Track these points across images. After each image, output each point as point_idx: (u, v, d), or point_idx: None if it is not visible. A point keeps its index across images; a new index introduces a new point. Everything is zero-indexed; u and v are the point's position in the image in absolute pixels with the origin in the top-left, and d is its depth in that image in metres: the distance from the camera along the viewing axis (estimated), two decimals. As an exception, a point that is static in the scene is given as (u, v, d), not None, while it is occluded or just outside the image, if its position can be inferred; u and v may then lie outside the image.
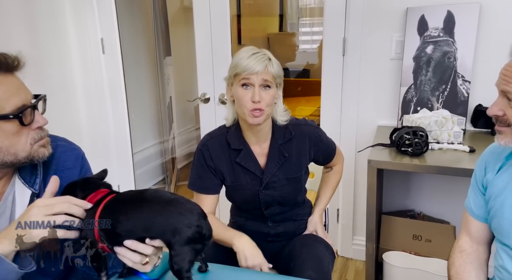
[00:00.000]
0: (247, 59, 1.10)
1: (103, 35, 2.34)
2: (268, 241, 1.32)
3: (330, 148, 1.34)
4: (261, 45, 5.31)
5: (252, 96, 1.10)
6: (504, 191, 0.90)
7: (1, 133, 0.80)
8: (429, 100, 1.77)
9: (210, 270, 0.91)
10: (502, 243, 0.92)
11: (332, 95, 2.00)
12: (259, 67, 1.09)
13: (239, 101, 1.13)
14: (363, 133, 1.95)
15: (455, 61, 1.70)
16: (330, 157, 1.35)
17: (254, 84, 1.10)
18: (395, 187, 1.97)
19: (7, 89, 0.79)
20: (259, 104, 1.10)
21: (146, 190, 0.81)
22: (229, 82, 1.18)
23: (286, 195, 1.24)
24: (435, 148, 1.54)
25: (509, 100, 0.79)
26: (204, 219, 0.78)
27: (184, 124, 3.49)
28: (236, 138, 1.22)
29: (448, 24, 1.69)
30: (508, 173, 0.90)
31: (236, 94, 1.14)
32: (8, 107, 0.79)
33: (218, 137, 1.24)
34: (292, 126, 1.23)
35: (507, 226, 0.89)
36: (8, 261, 0.73)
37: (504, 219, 0.89)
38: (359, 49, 1.89)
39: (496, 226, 0.93)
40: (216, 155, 1.22)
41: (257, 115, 1.11)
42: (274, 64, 1.12)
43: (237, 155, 1.22)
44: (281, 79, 1.17)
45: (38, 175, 0.92)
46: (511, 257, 0.90)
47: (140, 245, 0.76)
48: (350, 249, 2.13)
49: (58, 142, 0.99)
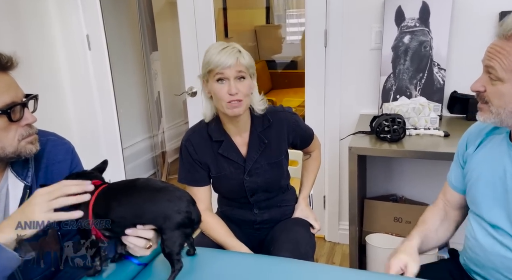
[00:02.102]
0: (217, 54, 1.14)
1: (89, 31, 2.35)
2: (255, 229, 1.38)
3: (307, 133, 1.40)
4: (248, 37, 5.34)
5: (229, 89, 1.15)
6: (481, 165, 0.97)
7: None
8: (407, 88, 1.83)
9: (197, 253, 0.96)
10: (475, 214, 1.00)
11: (315, 85, 2.06)
12: (231, 60, 1.13)
13: (217, 96, 1.18)
14: (346, 122, 2.01)
15: (431, 50, 1.76)
16: (308, 142, 1.41)
17: (229, 77, 1.15)
18: (377, 173, 2.05)
19: None
20: (236, 96, 1.15)
21: (138, 179, 0.86)
22: (204, 79, 1.22)
23: (269, 180, 1.30)
24: (412, 134, 1.62)
25: (491, 76, 0.85)
26: (193, 205, 0.83)
27: (173, 118, 3.52)
28: (217, 131, 1.27)
29: (424, 14, 1.75)
30: (486, 149, 0.97)
31: (213, 89, 1.18)
32: None
33: (200, 131, 1.29)
34: (270, 113, 1.29)
35: (480, 198, 0.96)
36: (9, 250, 0.77)
37: (479, 192, 0.96)
38: (340, 40, 1.94)
39: (471, 198, 1.00)
40: (199, 148, 1.27)
41: (236, 106, 1.16)
42: (245, 56, 1.18)
43: (219, 146, 1.27)
44: (253, 69, 1.22)
45: (30, 168, 0.96)
46: (481, 226, 0.97)
47: (141, 231, 0.82)
48: (336, 234, 2.21)
49: (48, 137, 1.03)
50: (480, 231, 0.98)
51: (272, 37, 5.19)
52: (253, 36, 5.24)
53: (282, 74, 4.96)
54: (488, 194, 0.94)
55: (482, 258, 0.97)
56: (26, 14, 2.14)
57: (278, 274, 0.89)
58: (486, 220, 0.95)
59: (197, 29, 2.19)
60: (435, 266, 1.14)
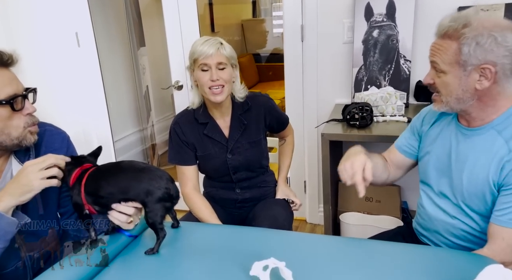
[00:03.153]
0: (201, 45, 1.31)
1: (78, 29, 2.45)
2: (237, 207, 1.53)
3: (283, 117, 1.55)
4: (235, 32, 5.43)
5: (211, 76, 1.30)
6: (434, 142, 1.12)
7: None
8: (377, 78, 1.98)
9: (181, 226, 1.10)
10: (424, 183, 1.15)
11: (294, 78, 2.20)
12: (212, 50, 1.29)
13: (200, 82, 1.34)
14: (322, 111, 2.15)
15: (398, 43, 1.91)
16: (284, 125, 1.57)
17: (211, 66, 1.31)
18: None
19: (1, 80, 0.95)
20: (217, 82, 1.31)
21: (122, 161, 1.00)
22: (190, 69, 1.38)
23: (250, 158, 1.45)
24: (380, 121, 1.77)
25: (436, 70, 0.99)
26: (172, 182, 0.97)
27: (162, 112, 3.63)
28: (202, 115, 1.43)
29: (390, 10, 1.89)
30: (439, 127, 1.12)
31: (197, 77, 1.34)
32: (1, 95, 0.95)
33: (187, 115, 1.44)
34: (249, 98, 1.45)
35: (430, 170, 1.12)
36: (8, 216, 0.90)
37: (430, 164, 1.12)
38: (315, 35, 2.07)
39: (423, 169, 1.15)
40: (186, 130, 1.42)
41: (217, 93, 1.32)
42: (226, 48, 1.34)
43: (204, 128, 1.42)
44: (235, 60, 1.38)
45: (31, 155, 1.08)
46: (428, 196, 1.13)
47: (122, 207, 0.95)
48: (317, 216, 2.37)
49: (46, 127, 1.15)
50: (426, 200, 1.13)
51: (258, 31, 5.29)
52: (240, 30, 5.34)
53: (268, 67, 5.07)
54: (437, 166, 1.09)
55: (427, 223, 1.13)
56: (15, 13, 2.23)
57: (253, 241, 1.03)
58: (433, 189, 1.11)
59: (181, 24, 2.31)
60: (391, 232, 1.30)
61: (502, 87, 0.95)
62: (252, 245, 0.98)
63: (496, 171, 0.95)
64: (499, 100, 0.97)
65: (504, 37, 0.89)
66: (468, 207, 1.02)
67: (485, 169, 0.97)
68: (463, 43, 0.91)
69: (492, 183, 0.96)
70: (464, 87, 0.95)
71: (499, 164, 0.94)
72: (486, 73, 0.92)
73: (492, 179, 0.96)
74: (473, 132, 1.01)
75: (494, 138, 0.97)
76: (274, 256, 0.81)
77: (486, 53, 0.90)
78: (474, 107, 0.98)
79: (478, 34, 0.90)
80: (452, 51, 0.93)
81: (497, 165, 0.95)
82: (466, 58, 0.92)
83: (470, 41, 0.90)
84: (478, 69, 0.92)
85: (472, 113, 1.00)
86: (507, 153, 0.94)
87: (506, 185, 0.94)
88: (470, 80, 0.94)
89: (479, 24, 0.91)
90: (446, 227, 1.08)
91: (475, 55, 0.91)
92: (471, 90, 0.95)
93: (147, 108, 3.38)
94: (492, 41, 0.89)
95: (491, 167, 0.96)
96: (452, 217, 1.06)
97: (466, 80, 0.94)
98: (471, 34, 0.90)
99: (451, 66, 0.95)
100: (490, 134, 0.98)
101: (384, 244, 1.03)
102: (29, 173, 0.91)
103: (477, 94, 0.96)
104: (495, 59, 0.90)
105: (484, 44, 0.90)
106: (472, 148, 1.01)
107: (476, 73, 0.93)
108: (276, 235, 1.08)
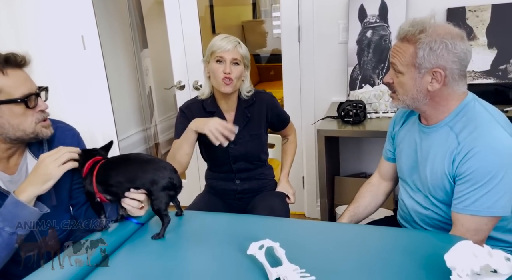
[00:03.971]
0: (220, 41, 1.43)
1: (83, 32, 2.54)
2: (236, 199, 1.62)
3: (284, 116, 1.65)
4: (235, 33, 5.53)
5: (224, 68, 1.41)
6: (403, 140, 1.21)
7: (12, 113, 1.03)
8: (371, 77, 2.06)
9: (184, 215, 1.19)
10: (401, 179, 1.24)
11: (291, 78, 2.28)
12: (230, 46, 1.41)
13: (214, 73, 1.44)
14: (319, 109, 2.24)
15: (390, 43, 1.99)
16: (284, 123, 1.66)
17: (226, 60, 1.41)
18: (349, 155, 2.29)
19: (16, 80, 1.04)
20: (229, 75, 1.41)
21: (130, 154, 1.09)
22: (206, 61, 1.48)
23: (250, 150, 1.55)
24: (373, 117, 1.85)
25: (395, 71, 1.08)
26: (175, 173, 1.05)
27: (165, 112, 3.72)
28: (211, 104, 1.53)
29: (383, 11, 1.97)
30: (407, 127, 1.22)
31: (211, 68, 1.44)
32: (17, 94, 1.03)
33: (196, 103, 1.56)
34: (254, 94, 1.55)
35: (403, 166, 1.21)
36: (30, 206, 0.99)
37: (402, 161, 1.21)
38: (311, 36, 2.16)
39: (398, 166, 1.25)
40: (195, 115, 1.51)
41: (228, 83, 1.42)
42: (243, 47, 1.45)
43: (211, 116, 1.50)
44: (248, 61, 1.48)
45: (44, 149, 1.17)
46: (405, 189, 1.22)
47: (134, 194, 1.03)
48: (315, 210, 2.45)
49: (57, 124, 1.24)
50: (404, 194, 1.22)
51: (258, 31, 5.37)
52: (240, 31, 5.43)
53: (269, 67, 5.16)
54: (408, 163, 1.18)
55: (406, 215, 1.22)
56: (23, 17, 2.33)
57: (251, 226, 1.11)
58: (409, 184, 1.20)
59: (183, 26, 2.40)
60: (379, 221, 1.38)
61: (452, 89, 1.03)
62: (250, 230, 1.06)
63: (449, 164, 1.03)
64: (449, 100, 1.05)
65: (454, 45, 0.98)
66: (435, 198, 1.11)
67: (442, 162, 1.05)
68: (419, 47, 0.99)
69: (448, 174, 1.04)
70: (418, 88, 1.03)
71: (451, 156, 1.02)
72: (437, 76, 1.00)
73: (448, 171, 1.04)
74: (430, 129, 1.10)
75: (447, 134, 1.05)
76: (270, 239, 0.90)
77: (438, 58, 0.98)
78: (427, 106, 1.07)
79: (432, 40, 0.98)
80: (409, 54, 1.01)
81: (450, 158, 1.03)
82: (420, 61, 1.00)
83: (425, 46, 0.98)
84: (430, 72, 1.00)
85: (427, 111, 1.08)
86: (457, 145, 1.02)
87: (458, 175, 1.02)
88: (423, 82, 1.02)
89: (434, 31, 0.99)
90: (421, 218, 1.16)
91: (428, 59, 0.99)
92: (424, 91, 1.03)
93: (150, 108, 3.48)
94: (443, 47, 0.97)
95: (445, 160, 1.04)
96: (425, 209, 1.14)
97: (420, 81, 1.02)
98: (426, 40, 0.98)
99: (407, 68, 1.03)
100: (444, 130, 1.06)
101: (370, 228, 1.12)
102: (48, 163, 1.00)
103: (429, 95, 1.04)
104: (445, 64, 0.99)
105: (436, 49, 0.98)
106: (431, 144, 1.09)
107: (428, 75, 1.01)
108: (272, 221, 1.16)
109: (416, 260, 0.87)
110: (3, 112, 1.02)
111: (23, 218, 0.98)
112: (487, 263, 0.72)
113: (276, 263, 0.85)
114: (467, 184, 1.00)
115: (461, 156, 1.00)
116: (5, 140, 1.06)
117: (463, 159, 1.00)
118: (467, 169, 0.99)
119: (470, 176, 0.99)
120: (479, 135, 0.99)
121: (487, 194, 0.98)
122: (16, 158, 1.13)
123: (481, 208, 0.99)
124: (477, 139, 0.99)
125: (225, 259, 0.94)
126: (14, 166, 1.12)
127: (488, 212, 0.99)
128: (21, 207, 0.98)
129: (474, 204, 0.99)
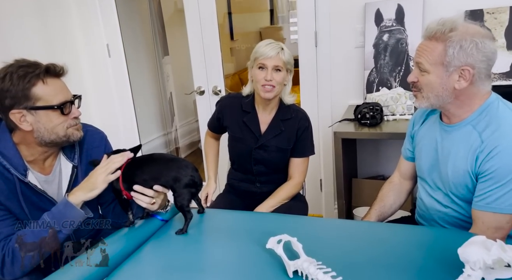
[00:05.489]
0: (264, 47, 1.45)
1: (108, 41, 2.66)
2: (256, 200, 1.66)
3: (307, 146, 1.58)
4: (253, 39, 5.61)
5: (265, 75, 1.44)
6: (423, 140, 1.23)
7: (48, 119, 1.11)
8: (388, 80, 2.08)
9: (206, 212, 1.24)
10: (420, 178, 1.26)
11: (309, 81, 2.32)
12: (272, 53, 1.43)
13: (256, 79, 1.48)
14: (336, 111, 2.26)
15: (407, 46, 2.01)
16: (300, 152, 1.57)
17: (267, 66, 1.45)
18: (366, 157, 2.30)
19: (54, 88, 1.12)
20: (270, 82, 1.44)
21: (154, 154, 1.16)
22: (250, 66, 1.53)
23: (273, 159, 1.57)
24: (390, 119, 1.87)
25: (420, 70, 1.10)
26: (196, 171, 1.11)
27: (185, 117, 3.82)
28: (249, 104, 1.58)
29: (399, 15, 2.00)
30: (427, 126, 1.23)
31: (254, 74, 1.49)
32: (54, 101, 1.12)
33: (235, 99, 1.61)
34: (294, 110, 1.57)
35: (423, 165, 1.22)
36: (77, 208, 1.07)
37: (422, 160, 1.23)
38: (328, 40, 2.20)
39: (418, 165, 1.27)
40: (227, 111, 1.59)
41: (268, 90, 1.46)
42: (286, 53, 1.46)
43: (246, 116, 1.56)
44: (291, 66, 1.50)
45: (76, 152, 1.25)
46: (424, 188, 1.23)
47: (145, 190, 1.09)
48: (333, 212, 2.46)
49: (87, 128, 1.32)
50: (423, 192, 1.24)
51: (276, 38, 5.43)
52: (258, 37, 5.51)
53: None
54: (427, 161, 1.20)
55: (425, 213, 1.23)
56: (54, 28, 2.46)
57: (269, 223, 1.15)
58: (428, 183, 1.21)
59: (203, 33, 2.48)
60: (397, 221, 1.40)
61: (477, 88, 1.05)
62: (268, 227, 1.11)
63: (472, 162, 1.05)
64: (474, 99, 1.07)
65: (484, 44, 1.00)
66: (455, 196, 1.12)
67: (464, 160, 1.06)
68: (449, 45, 1.01)
69: (470, 172, 1.06)
70: (445, 86, 1.05)
71: (474, 154, 1.04)
72: (465, 74, 1.02)
73: (471, 169, 1.05)
74: (453, 128, 1.11)
75: (470, 132, 1.07)
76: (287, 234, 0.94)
77: (467, 56, 1.00)
78: (452, 105, 1.08)
79: (462, 38, 1.00)
80: (437, 52, 1.03)
81: (473, 156, 1.04)
82: (450, 59, 1.02)
83: (455, 44, 1.00)
84: (459, 70, 1.02)
85: (451, 109, 1.10)
86: (480, 144, 1.03)
87: (481, 173, 1.03)
88: (450, 80, 1.04)
89: (464, 29, 1.01)
90: (440, 216, 1.18)
91: (458, 57, 1.01)
92: (450, 89, 1.05)
93: (171, 113, 3.58)
94: (473, 46, 0.99)
95: (468, 158, 1.06)
96: (445, 206, 1.16)
97: (447, 79, 1.04)
98: (457, 38, 1.00)
99: (435, 66, 1.05)
100: (466, 128, 1.08)
101: (387, 225, 1.14)
102: (98, 174, 1.10)
103: (455, 93, 1.06)
104: (474, 62, 1.01)
105: (466, 48, 1.00)
106: (453, 143, 1.11)
107: (456, 74, 1.03)
108: (290, 219, 1.21)
109: (432, 256, 0.90)
110: (40, 117, 1.10)
111: (70, 218, 1.07)
112: (500, 256, 0.74)
113: (294, 256, 0.89)
114: (490, 182, 1.01)
115: (484, 154, 1.02)
116: (40, 143, 1.14)
117: (486, 157, 1.01)
118: (490, 167, 1.01)
119: (492, 174, 1.00)
120: (502, 134, 1.01)
121: (510, 192, 0.99)
122: (51, 160, 1.22)
123: (503, 205, 1.00)
124: (500, 137, 1.00)
125: (245, 252, 0.98)
126: (49, 167, 1.21)
127: (510, 210, 1.00)
128: (70, 208, 1.07)
129: (496, 202, 1.01)
